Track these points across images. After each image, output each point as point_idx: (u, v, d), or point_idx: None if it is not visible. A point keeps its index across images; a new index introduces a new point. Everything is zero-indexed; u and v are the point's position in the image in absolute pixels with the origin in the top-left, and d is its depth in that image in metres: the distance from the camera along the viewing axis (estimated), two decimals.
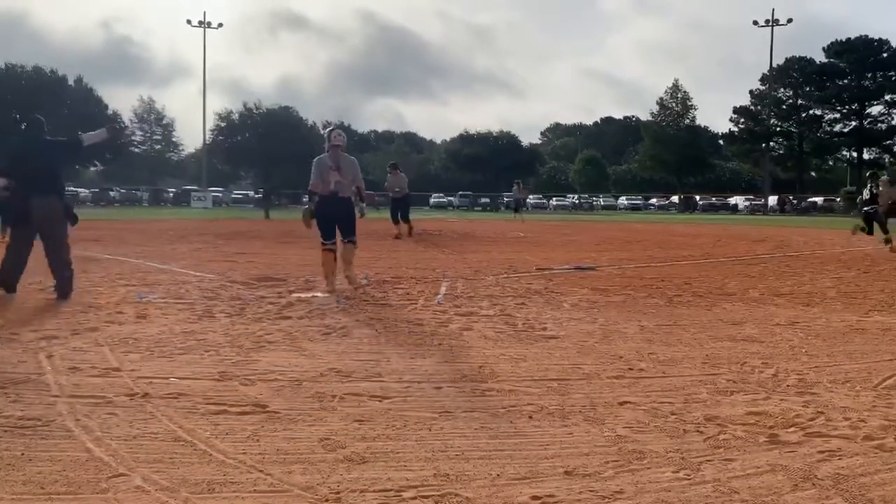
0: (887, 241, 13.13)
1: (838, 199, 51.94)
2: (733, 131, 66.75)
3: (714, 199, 59.41)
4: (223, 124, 68.98)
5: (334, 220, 7.16)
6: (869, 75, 63.46)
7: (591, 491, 2.37)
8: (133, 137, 70.91)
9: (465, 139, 78.71)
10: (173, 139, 77.75)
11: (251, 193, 63.61)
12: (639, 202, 63.19)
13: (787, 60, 65.04)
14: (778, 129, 65.14)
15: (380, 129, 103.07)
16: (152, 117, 74.87)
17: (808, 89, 65.37)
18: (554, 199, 65.60)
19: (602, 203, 63.98)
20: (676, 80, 71.47)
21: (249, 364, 4.01)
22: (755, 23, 58.04)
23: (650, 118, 71.36)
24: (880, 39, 62.71)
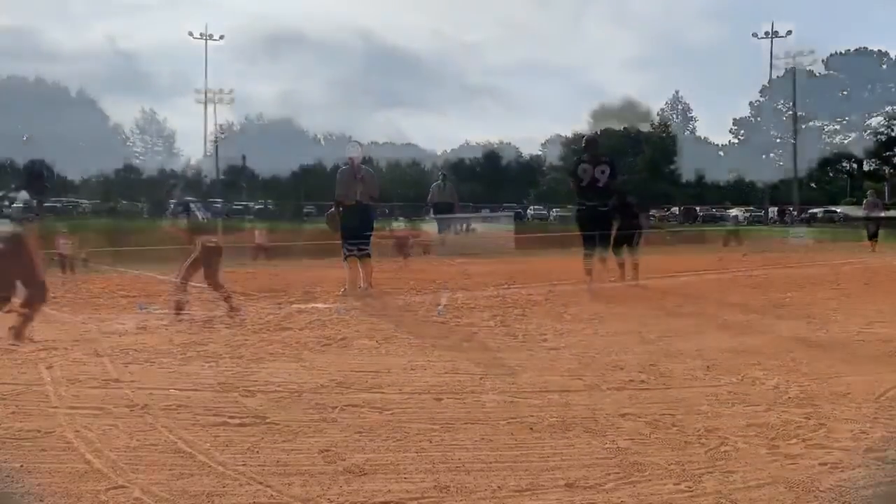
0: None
1: (838, 211, 52.01)
2: (733, 143, 66.84)
3: (714, 210, 59.49)
4: (224, 135, 69.22)
5: (359, 228, 7.70)
6: (869, 87, 63.62)
7: (592, 503, 2.36)
8: (134, 149, 71.20)
9: (465, 150, 78.97)
10: (174, 150, 78.00)
11: (251, 205, 63.70)
12: None
13: (787, 72, 65.22)
14: (777, 140, 65.23)
15: (380, 142, 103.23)
16: (153, 129, 75.18)
17: (807, 101, 65.50)
18: (555, 209, 65.64)
19: None
20: (677, 92, 71.58)
21: (249, 375, 4.01)
22: (754, 35, 58.25)
23: (650, 129, 71.40)
24: (880, 51, 62.89)
